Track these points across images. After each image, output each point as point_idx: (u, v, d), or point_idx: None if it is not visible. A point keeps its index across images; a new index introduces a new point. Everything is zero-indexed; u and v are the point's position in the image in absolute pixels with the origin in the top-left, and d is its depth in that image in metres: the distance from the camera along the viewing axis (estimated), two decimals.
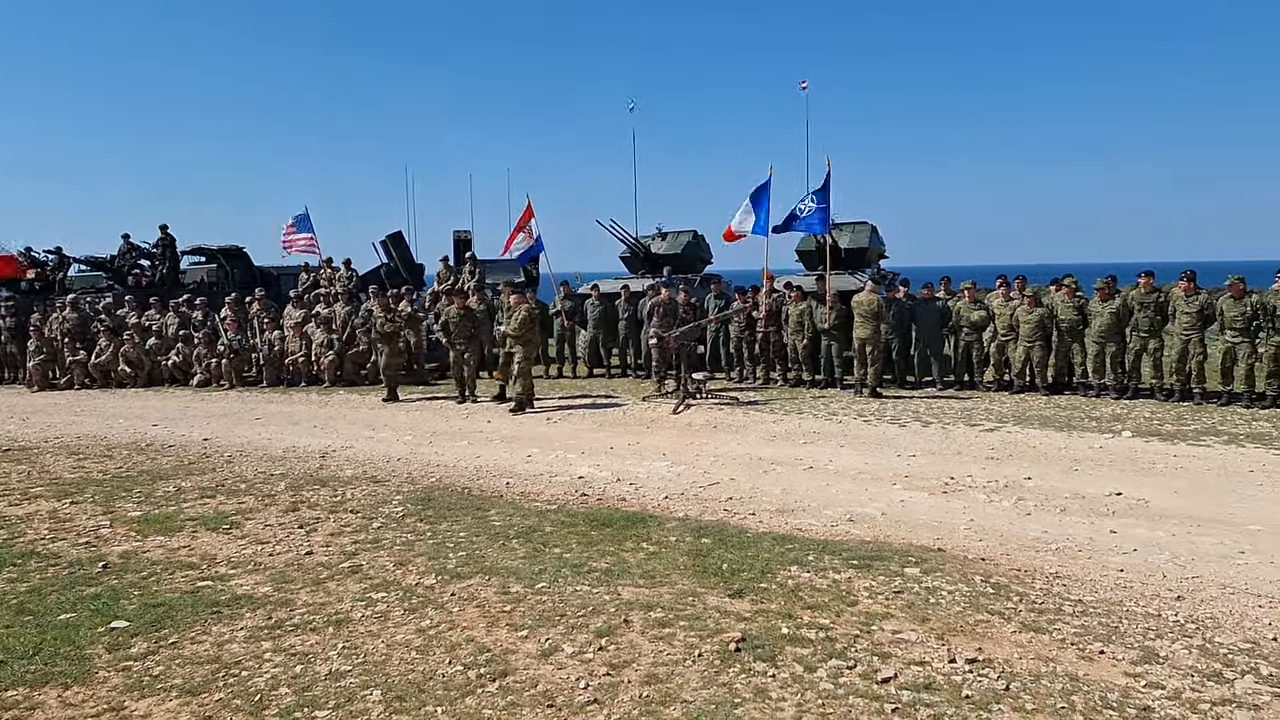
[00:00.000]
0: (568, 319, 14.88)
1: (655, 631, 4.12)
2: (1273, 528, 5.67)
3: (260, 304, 15.72)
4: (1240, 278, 10.45)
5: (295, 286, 17.43)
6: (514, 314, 11.40)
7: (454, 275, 16.83)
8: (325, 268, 17.64)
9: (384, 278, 17.64)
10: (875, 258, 16.58)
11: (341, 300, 15.62)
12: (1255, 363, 10.19)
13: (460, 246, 18.55)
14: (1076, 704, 3.37)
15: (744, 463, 7.97)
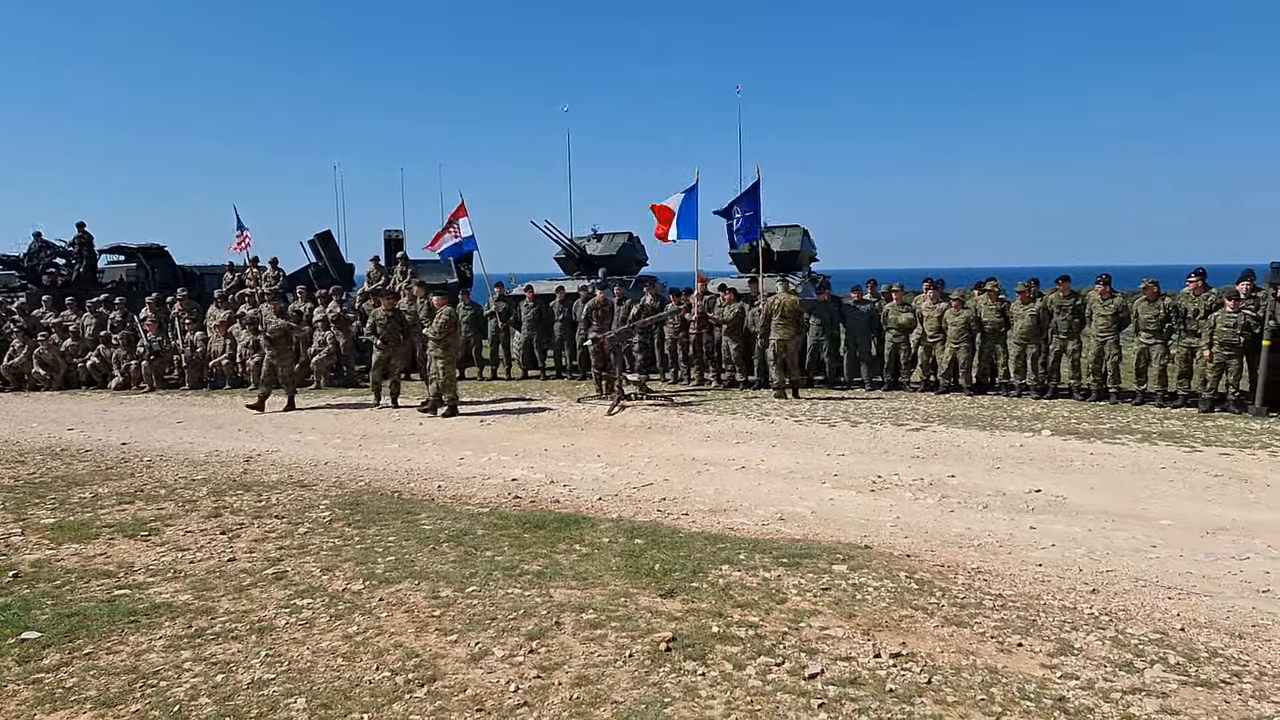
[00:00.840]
0: (502, 320, 14.76)
1: (587, 633, 4.11)
2: (1182, 522, 5.91)
3: (182, 304, 15.23)
4: (1154, 281, 10.90)
5: (219, 286, 16.93)
6: (436, 317, 11.17)
7: (385, 275, 16.56)
8: (251, 267, 17.18)
9: (312, 278, 17.28)
10: (807, 260, 16.88)
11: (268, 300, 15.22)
12: (1167, 363, 10.64)
13: (391, 246, 18.27)
14: (995, 695, 3.47)
15: (678, 463, 8.01)
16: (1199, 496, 6.59)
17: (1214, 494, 6.65)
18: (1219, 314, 9.94)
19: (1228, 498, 6.54)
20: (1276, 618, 4.29)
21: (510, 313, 14.94)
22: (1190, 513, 6.13)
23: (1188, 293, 10.61)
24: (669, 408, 11.23)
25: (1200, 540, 5.54)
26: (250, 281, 16.81)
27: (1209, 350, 10.02)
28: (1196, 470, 7.37)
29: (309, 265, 18.30)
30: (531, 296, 14.79)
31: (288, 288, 16.59)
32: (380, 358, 11.79)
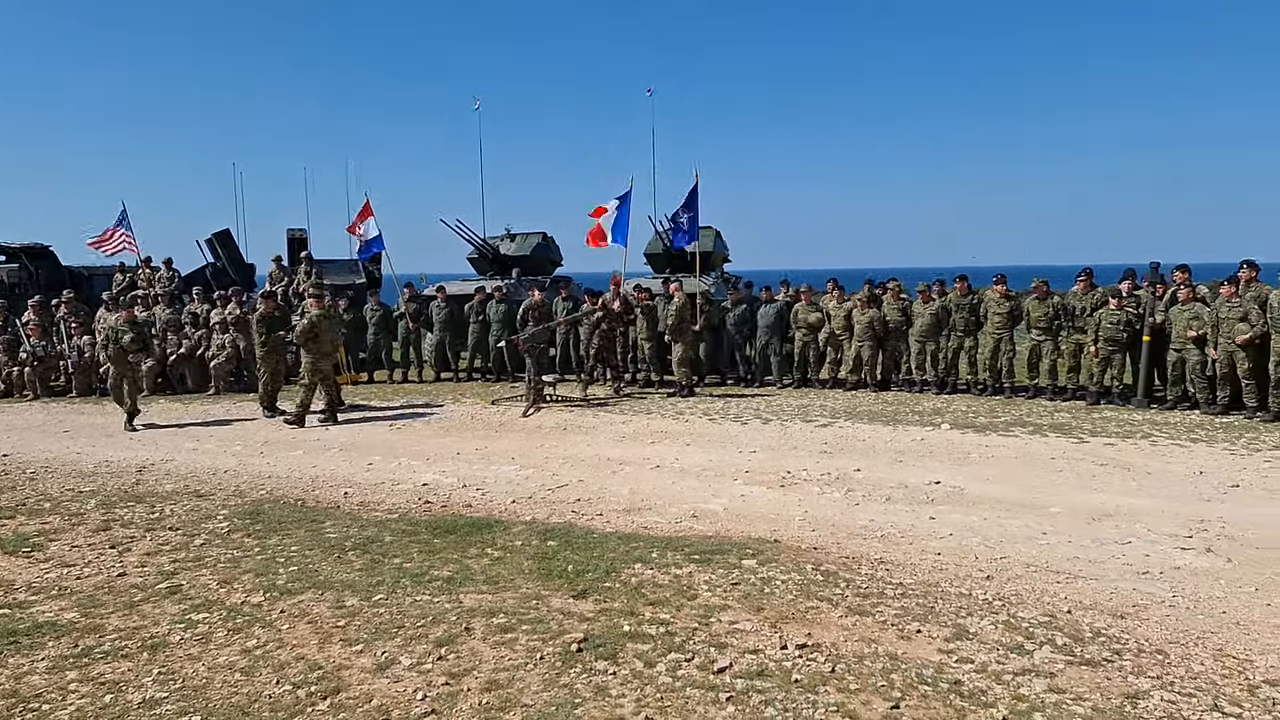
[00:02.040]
0: (413, 322, 14.49)
1: (497, 637, 4.08)
2: (1070, 510, 6.22)
3: (68, 307, 14.42)
4: (1044, 281, 11.44)
5: (109, 288, 16.11)
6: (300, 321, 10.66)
7: (288, 276, 16.05)
8: (144, 268, 16.42)
9: (210, 278, 16.62)
10: (720, 261, 17.08)
11: (162, 302, 14.59)
12: (1057, 359, 11.17)
13: (295, 245, 17.72)
14: (895, 681, 3.58)
15: (593, 464, 8.01)
16: (1086, 485, 6.94)
17: (1100, 482, 7.01)
18: (1103, 311, 10.49)
19: (1112, 485, 6.90)
20: (1154, 598, 4.55)
21: (421, 314, 14.68)
22: (1078, 500, 6.45)
23: (1076, 292, 11.16)
24: (584, 408, 11.23)
25: (1087, 526, 5.83)
26: (143, 283, 16.07)
27: (1095, 346, 10.56)
28: (1084, 460, 7.76)
29: (206, 265, 17.59)
30: (444, 297, 14.56)
31: (183, 289, 15.93)
32: (261, 363, 11.23)
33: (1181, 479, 7.04)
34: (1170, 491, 6.67)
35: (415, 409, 11.53)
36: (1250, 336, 9.34)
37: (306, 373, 10.50)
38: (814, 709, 3.37)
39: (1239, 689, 3.53)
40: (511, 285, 15.33)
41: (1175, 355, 10.15)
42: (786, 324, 12.88)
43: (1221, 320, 9.61)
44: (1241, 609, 4.39)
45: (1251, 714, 3.32)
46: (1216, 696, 3.46)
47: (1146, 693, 3.50)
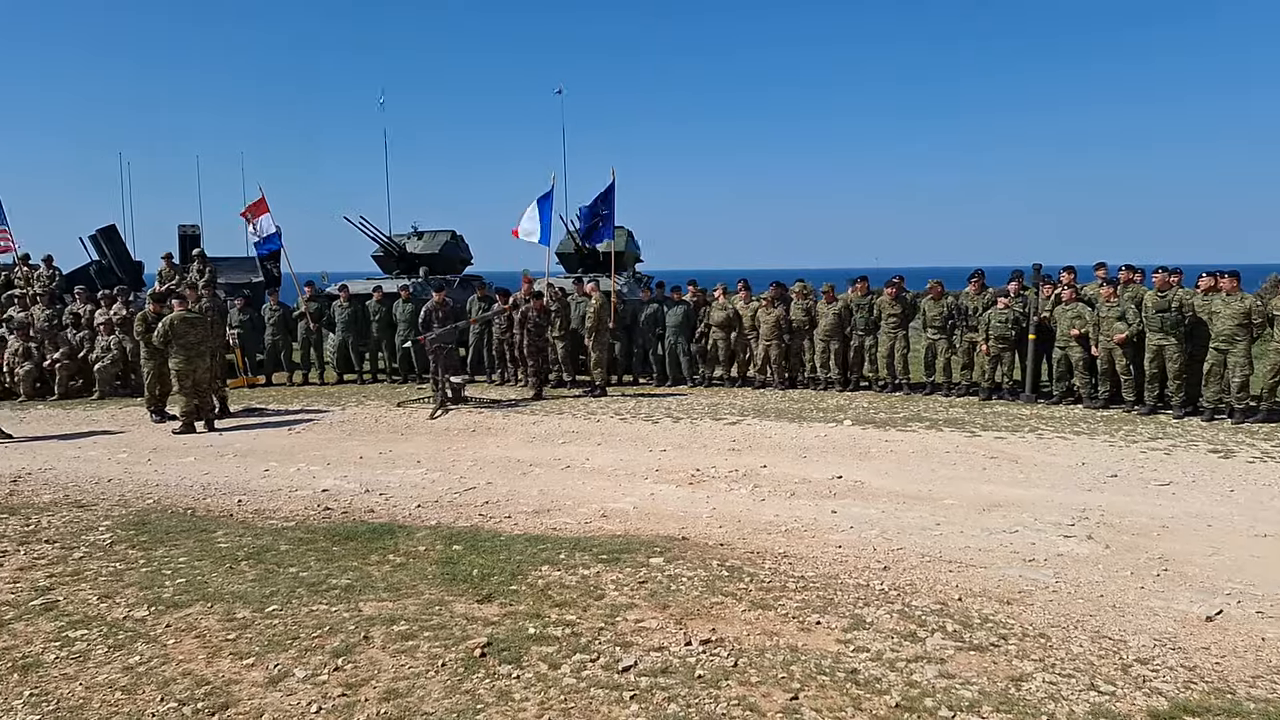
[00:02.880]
0: (314, 321, 14.08)
1: (397, 645, 3.99)
2: (963, 501, 6.46)
3: None
4: (939, 282, 11.88)
5: None
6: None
7: (179, 274, 15.37)
8: (20, 266, 15.47)
9: (94, 277, 15.79)
10: (632, 261, 17.13)
11: (41, 302, 13.78)
12: (951, 356, 11.61)
13: (187, 242, 16.99)
14: (795, 673, 3.65)
15: (502, 465, 7.93)
16: (977, 477, 7.23)
17: (990, 474, 7.32)
18: (993, 311, 10.96)
19: (1001, 477, 7.21)
20: (1038, 584, 4.77)
21: (323, 314, 14.27)
22: (970, 492, 6.71)
23: (968, 292, 11.62)
24: (494, 409, 11.10)
25: (978, 517, 6.07)
26: (20, 282, 15.15)
27: (986, 344, 11.02)
28: (976, 453, 8.08)
29: (90, 263, 16.69)
30: (346, 296, 14.19)
31: (65, 288, 15.08)
32: (147, 366, 10.71)
33: (1065, 470, 7.40)
34: (1055, 482, 7.00)
35: (316, 412, 11.20)
36: (1127, 335, 9.90)
37: (175, 378, 10.04)
38: (716, 703, 3.41)
39: (1113, 668, 3.72)
40: (419, 284, 15.04)
41: (1060, 353, 10.67)
42: (694, 324, 13.02)
43: (1102, 319, 10.16)
44: (1118, 592, 4.64)
45: (1124, 691, 3.51)
46: (1093, 676, 3.64)
47: (1030, 675, 3.66)
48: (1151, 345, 9.79)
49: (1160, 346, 9.71)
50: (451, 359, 11.83)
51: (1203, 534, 5.61)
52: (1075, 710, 3.35)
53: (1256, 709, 3.34)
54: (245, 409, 11.52)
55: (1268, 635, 4.04)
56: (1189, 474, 7.19)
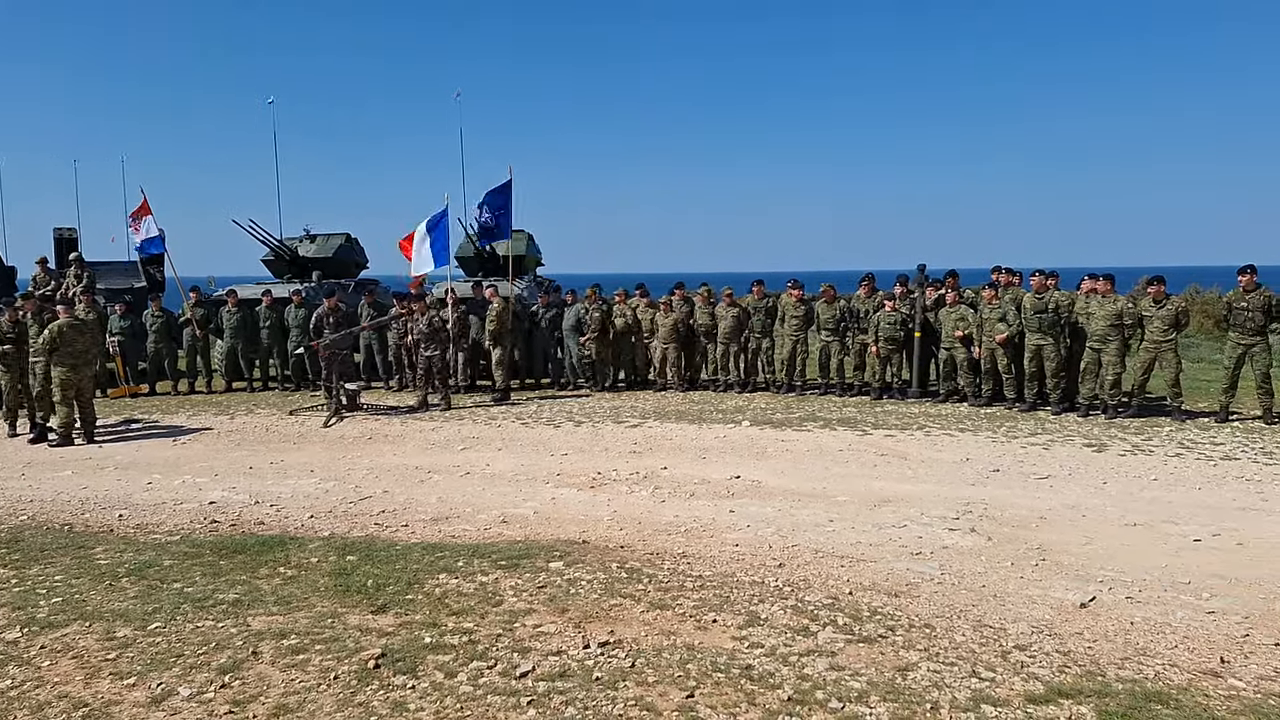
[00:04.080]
0: (200, 328, 13.50)
1: (288, 660, 3.87)
2: (856, 498, 6.68)
3: None
4: (831, 285, 12.26)
5: None
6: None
7: (55, 280, 14.50)
8: None
9: None
10: (533, 265, 17.04)
11: None
12: (845, 358, 11.99)
13: (63, 246, 16.04)
14: (691, 671, 3.72)
15: (399, 473, 7.78)
16: (869, 474, 7.49)
17: (880, 471, 7.59)
18: (882, 313, 11.37)
19: (891, 474, 7.49)
20: (925, 576, 4.97)
21: (210, 320, 13.70)
22: (861, 489, 6.95)
23: (859, 295, 12.02)
24: (392, 416, 10.88)
25: (869, 512, 6.29)
26: None
27: (876, 345, 11.43)
28: (867, 451, 8.37)
29: None
30: (234, 301, 13.66)
31: None
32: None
33: (951, 466, 7.74)
34: (941, 477, 7.32)
35: (203, 422, 10.74)
36: (1007, 335, 10.42)
37: (57, 388, 9.48)
38: (613, 705, 3.44)
39: (994, 655, 3.91)
40: (312, 289, 14.60)
41: (945, 353, 11.15)
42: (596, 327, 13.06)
43: (984, 321, 10.67)
44: (998, 582, 4.88)
45: (1003, 677, 3.69)
46: (975, 664, 3.82)
47: (915, 664, 3.81)
48: (1030, 345, 10.33)
49: (1039, 346, 10.25)
50: (346, 365, 11.53)
51: (1078, 524, 5.95)
52: (957, 697, 3.51)
53: (1124, 689, 3.56)
54: (127, 420, 10.96)
55: (1135, 619, 4.31)
56: (1066, 467, 7.62)
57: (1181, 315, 9.82)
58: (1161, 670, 3.75)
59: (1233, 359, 9.58)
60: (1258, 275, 9.58)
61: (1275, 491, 6.71)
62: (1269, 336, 9.59)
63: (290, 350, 13.33)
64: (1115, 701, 3.44)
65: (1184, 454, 8.04)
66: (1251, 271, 9.59)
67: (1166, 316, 9.67)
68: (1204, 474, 7.31)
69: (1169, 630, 4.17)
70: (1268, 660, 3.84)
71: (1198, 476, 7.22)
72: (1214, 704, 3.43)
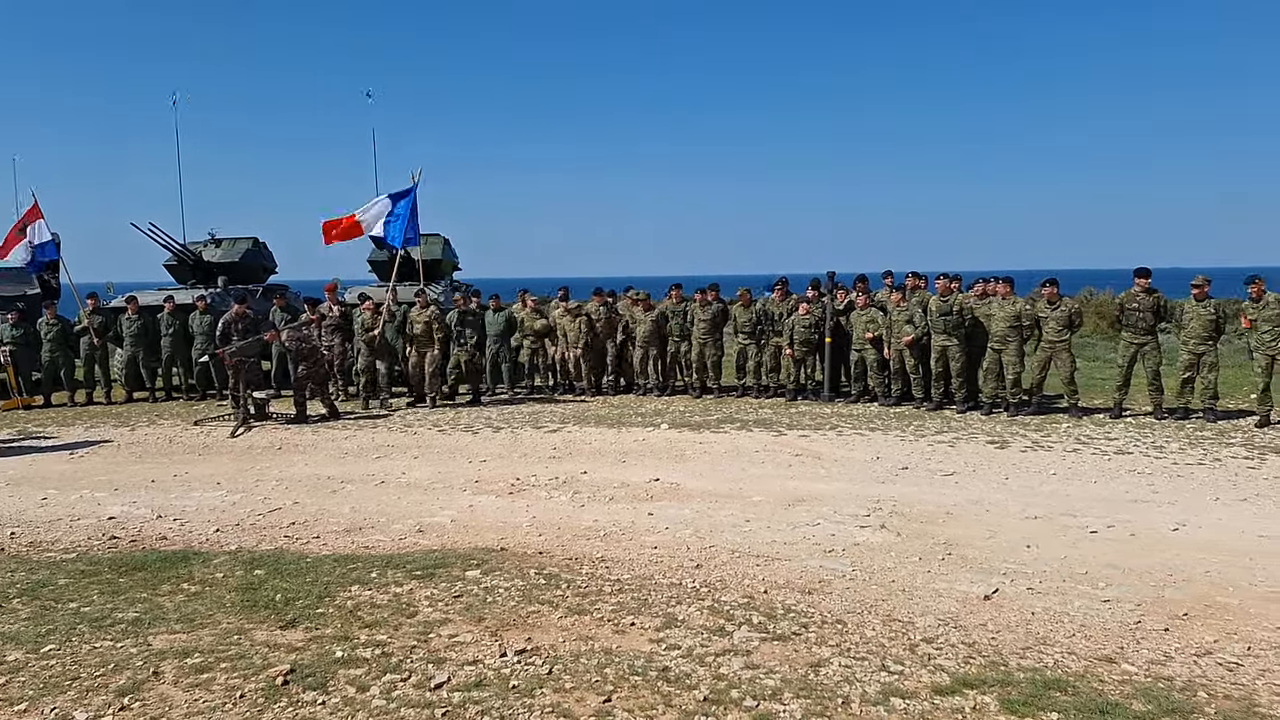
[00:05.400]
0: (98, 336, 12.90)
1: (191, 679, 3.73)
2: (771, 498, 6.79)
3: None
4: (747, 290, 12.45)
5: None
6: None
7: None
8: None
9: None
10: (449, 269, 16.82)
11: None
12: (761, 360, 12.18)
13: None
14: (609, 675, 3.72)
15: (311, 484, 7.58)
16: (784, 474, 7.62)
17: (795, 471, 7.74)
18: (795, 316, 11.60)
19: (805, 473, 7.64)
20: (837, 573, 5.09)
21: (109, 327, 13.11)
22: (777, 488, 7.07)
23: (773, 299, 12.24)
24: (303, 425, 10.59)
25: (784, 512, 6.40)
26: None
27: (790, 348, 11.65)
28: (782, 452, 8.53)
29: None
30: (135, 309, 13.10)
31: None
32: None
33: (862, 464, 7.94)
34: (853, 476, 7.50)
35: (102, 434, 10.27)
36: (914, 337, 10.75)
37: None
38: (530, 713, 3.41)
39: (902, 649, 4.02)
40: (217, 294, 14.11)
41: (856, 354, 11.45)
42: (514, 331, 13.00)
43: (893, 323, 10.98)
44: (907, 577, 5.02)
45: (911, 670, 3.80)
46: (884, 658, 3.92)
47: (827, 660, 3.90)
48: (936, 346, 10.67)
49: (944, 347, 10.61)
50: (254, 373, 11.16)
51: (982, 519, 6.17)
52: (868, 691, 3.60)
53: (1025, 678, 3.70)
54: (19, 433, 10.40)
55: (1036, 610, 4.49)
56: (970, 464, 7.90)
57: (1075, 316, 10.30)
58: (1060, 658, 3.91)
59: (1126, 357, 10.09)
60: (1150, 278, 10.11)
61: (1165, 484, 7.08)
62: (1159, 336, 10.14)
63: (195, 358, 12.86)
64: (1017, 690, 3.58)
65: (1080, 449, 8.43)
66: (1145, 274, 10.11)
67: (1061, 317, 10.13)
68: (1099, 468, 7.67)
69: (1067, 619, 4.36)
70: (1158, 645, 4.04)
71: (1093, 471, 7.58)
72: (1108, 689, 3.60)
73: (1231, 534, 5.73)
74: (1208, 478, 7.25)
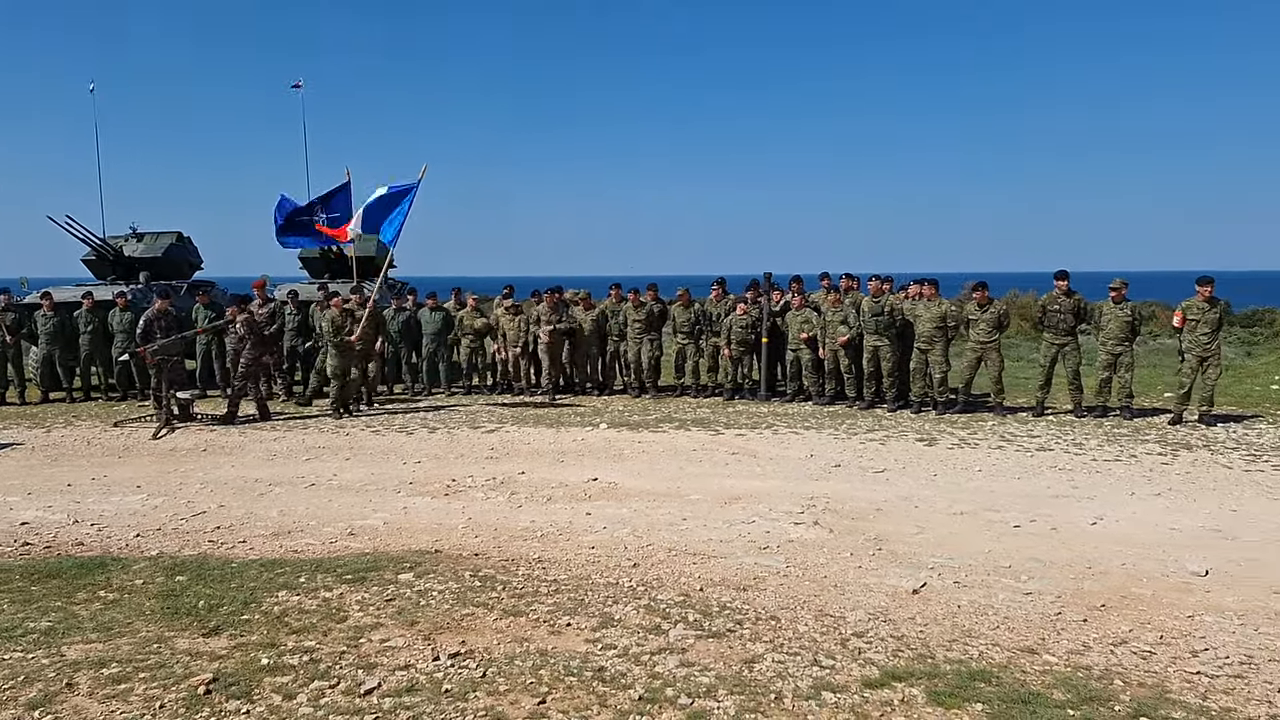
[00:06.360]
0: (11, 334, 12.34)
1: (107, 690, 3.59)
2: (708, 496, 6.84)
3: None
4: (686, 290, 12.51)
5: None
6: None
7: None
8: None
9: None
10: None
11: None
12: (699, 360, 12.26)
13: None
14: (544, 676, 3.70)
15: (237, 487, 7.37)
16: (721, 472, 7.69)
17: (732, 469, 7.81)
18: (733, 317, 11.71)
19: (742, 471, 7.72)
20: (771, 569, 5.14)
21: (23, 324, 12.57)
22: (714, 487, 7.12)
23: (711, 299, 12.33)
24: (229, 426, 10.29)
25: (721, 510, 6.45)
26: None
27: (728, 348, 11.75)
28: (719, 450, 8.59)
29: None
30: (50, 305, 12.57)
31: None
32: None
33: (796, 462, 8.05)
34: (788, 474, 7.60)
35: (15, 436, 9.83)
36: (848, 338, 10.94)
37: None
38: (463, 716, 3.37)
39: (834, 643, 4.09)
40: (139, 290, 13.63)
41: (792, 354, 11.61)
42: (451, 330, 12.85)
43: (827, 323, 11.16)
44: (839, 572, 5.11)
45: (842, 664, 3.86)
46: (816, 653, 3.98)
47: (761, 656, 3.94)
48: (868, 346, 10.88)
49: (876, 347, 10.81)
50: (177, 373, 10.80)
51: (911, 515, 6.31)
52: (800, 686, 3.65)
53: (951, 669, 3.80)
54: None
55: (962, 603, 4.61)
56: (900, 461, 8.07)
57: (1004, 318, 10.62)
58: (985, 650, 4.02)
59: (1047, 357, 10.44)
60: (1069, 280, 10.45)
61: (1085, 480, 7.34)
62: (1079, 337, 10.50)
63: (115, 357, 12.41)
64: (943, 681, 3.67)
65: (1005, 446, 8.68)
66: (1064, 277, 10.46)
67: (991, 319, 10.42)
68: (1022, 464, 7.91)
69: (991, 612, 4.49)
70: (1077, 636, 4.19)
71: (1017, 467, 7.81)
72: (1030, 679, 3.71)
73: (1146, 527, 5.96)
74: (1124, 473, 7.54)
